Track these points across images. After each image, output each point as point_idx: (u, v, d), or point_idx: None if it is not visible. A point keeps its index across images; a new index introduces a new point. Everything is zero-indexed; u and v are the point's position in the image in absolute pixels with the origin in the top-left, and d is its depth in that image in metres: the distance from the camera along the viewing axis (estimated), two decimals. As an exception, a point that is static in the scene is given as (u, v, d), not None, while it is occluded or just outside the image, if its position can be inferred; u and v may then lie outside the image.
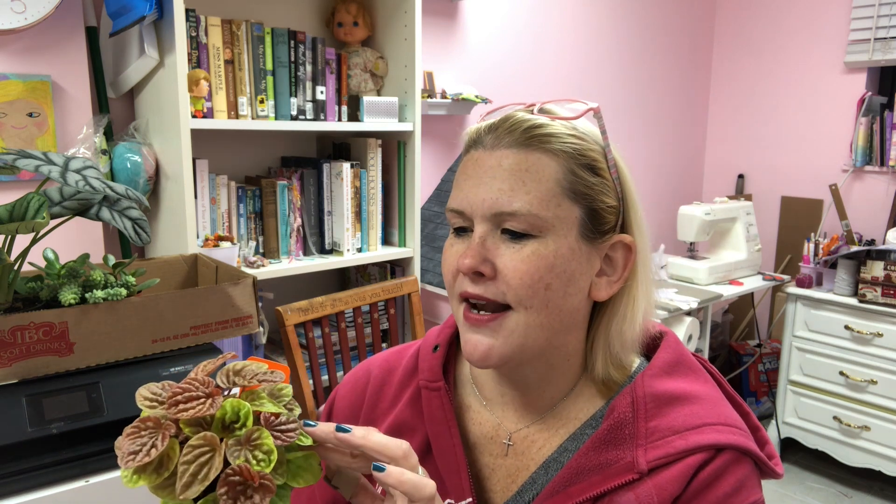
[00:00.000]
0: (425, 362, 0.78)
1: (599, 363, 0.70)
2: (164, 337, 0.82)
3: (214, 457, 0.50)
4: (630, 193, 0.68)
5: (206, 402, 0.52)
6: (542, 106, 0.67)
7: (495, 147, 0.65)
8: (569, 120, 0.66)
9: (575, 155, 0.64)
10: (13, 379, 0.74)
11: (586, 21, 3.04)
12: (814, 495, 2.72)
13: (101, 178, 0.78)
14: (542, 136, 0.64)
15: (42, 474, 0.74)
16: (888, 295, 2.50)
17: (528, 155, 0.63)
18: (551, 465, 0.69)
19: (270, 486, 0.50)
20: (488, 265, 0.64)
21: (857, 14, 3.10)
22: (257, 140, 2.07)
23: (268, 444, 0.51)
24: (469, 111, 2.63)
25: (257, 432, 0.51)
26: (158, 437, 0.50)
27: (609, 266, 0.68)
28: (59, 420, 0.74)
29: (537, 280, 0.63)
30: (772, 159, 3.53)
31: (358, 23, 2.07)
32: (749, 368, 3.32)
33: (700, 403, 0.67)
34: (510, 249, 0.63)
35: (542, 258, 0.63)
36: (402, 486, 0.54)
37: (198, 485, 0.49)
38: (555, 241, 0.63)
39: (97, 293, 0.76)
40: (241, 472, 0.49)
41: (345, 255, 2.02)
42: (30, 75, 1.64)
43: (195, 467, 0.49)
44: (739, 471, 0.64)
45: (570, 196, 0.64)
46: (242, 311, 0.88)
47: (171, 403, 0.52)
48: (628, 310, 0.69)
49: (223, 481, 0.49)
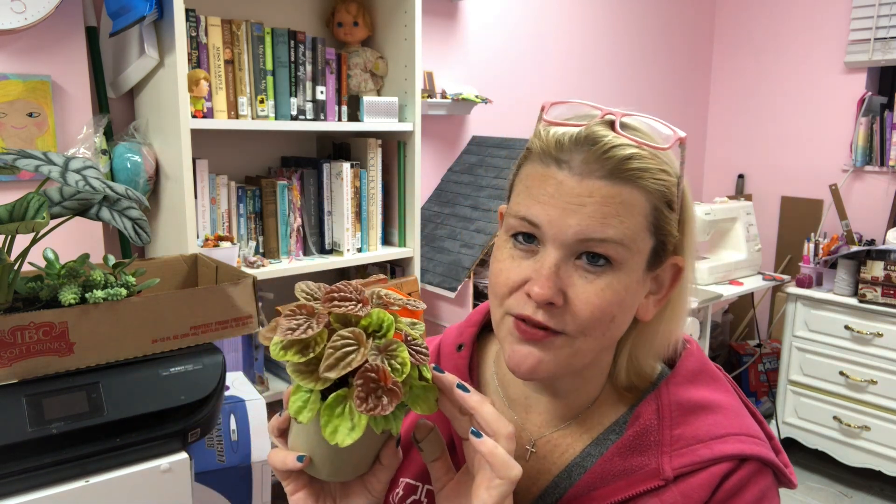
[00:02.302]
0: (450, 361, 0.77)
1: (624, 371, 0.70)
2: (164, 337, 0.82)
3: (358, 350, 0.54)
4: (690, 222, 0.66)
5: (357, 305, 0.56)
6: (622, 120, 0.63)
7: (586, 175, 0.60)
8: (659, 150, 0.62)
9: (664, 192, 0.62)
10: (13, 379, 0.74)
11: (586, 21, 3.04)
12: (814, 495, 2.72)
13: (101, 178, 0.78)
14: (637, 171, 0.61)
15: (42, 474, 0.74)
16: (888, 295, 2.50)
17: (622, 189, 0.60)
18: (574, 470, 0.69)
19: (398, 393, 0.53)
20: (560, 296, 0.61)
21: (857, 14, 3.10)
22: (257, 140, 2.07)
23: (403, 357, 0.55)
24: (469, 111, 2.63)
25: (395, 344, 0.55)
26: (314, 321, 0.55)
27: (656, 284, 0.67)
28: (59, 420, 0.74)
29: (607, 314, 0.61)
30: (772, 159, 3.53)
31: (358, 23, 2.07)
32: (749, 368, 3.32)
33: (723, 413, 0.67)
34: (583, 280, 0.61)
35: (616, 293, 0.61)
36: (492, 458, 0.56)
37: (340, 369, 0.53)
38: (627, 274, 0.62)
39: (97, 293, 0.76)
40: (377, 370, 0.54)
41: (345, 255, 2.02)
42: (30, 75, 1.64)
43: (341, 353, 0.54)
44: (762, 482, 0.64)
45: (651, 231, 0.62)
46: (242, 311, 0.88)
47: (327, 298, 0.56)
48: (663, 325, 0.68)
49: (360, 374, 0.53)
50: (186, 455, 0.83)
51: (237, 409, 1.07)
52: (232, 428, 1.05)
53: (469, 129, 2.69)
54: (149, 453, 0.80)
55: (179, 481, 0.82)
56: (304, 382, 0.54)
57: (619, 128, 0.62)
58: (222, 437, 1.04)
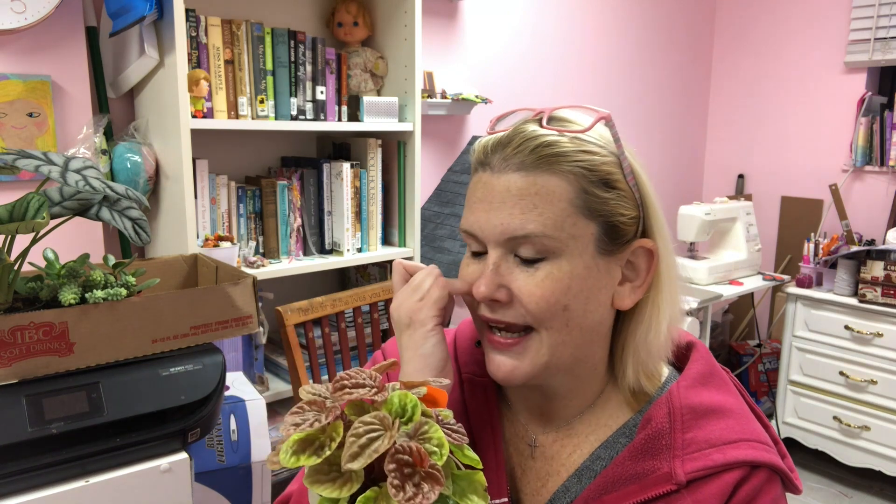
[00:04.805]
0: (469, 355, 0.77)
1: (630, 372, 0.69)
2: (164, 337, 0.82)
3: (385, 434, 0.46)
4: (649, 199, 0.66)
5: (373, 391, 0.49)
6: (552, 114, 0.65)
7: (503, 170, 0.62)
8: (578, 133, 0.63)
9: (586, 173, 0.62)
10: (13, 379, 0.74)
11: (586, 21, 3.04)
12: (814, 495, 2.72)
13: (101, 178, 0.78)
14: (550, 157, 0.61)
15: (42, 474, 0.74)
16: (888, 295, 2.50)
17: (537, 178, 0.61)
18: (584, 473, 0.69)
19: (439, 478, 0.45)
20: (503, 291, 0.63)
21: (857, 14, 3.10)
22: (257, 140, 2.07)
23: (438, 437, 0.46)
24: (469, 111, 2.63)
25: (427, 425, 0.47)
26: (324, 414, 0.48)
27: (632, 272, 0.66)
28: (59, 420, 0.74)
29: (553, 303, 0.62)
30: (772, 159, 3.53)
31: (358, 23, 2.07)
32: (749, 368, 3.32)
33: (734, 417, 0.66)
34: (524, 273, 0.62)
35: (557, 281, 0.61)
36: None
37: (365, 458, 0.44)
38: (569, 261, 0.62)
39: (97, 293, 0.76)
40: (411, 451, 0.45)
41: (345, 255, 2.02)
42: (30, 75, 1.64)
43: (365, 440, 0.45)
44: (773, 490, 0.64)
45: (585, 214, 0.62)
46: (242, 311, 0.87)
47: (337, 387, 0.49)
48: (653, 318, 0.67)
49: (391, 457, 0.45)
50: (186, 455, 0.83)
51: (237, 409, 1.07)
52: (232, 428, 1.05)
53: (469, 129, 2.69)
54: (149, 453, 0.80)
55: (179, 481, 0.82)
56: (327, 492, 0.45)
57: (547, 122, 0.64)
58: (222, 437, 1.04)
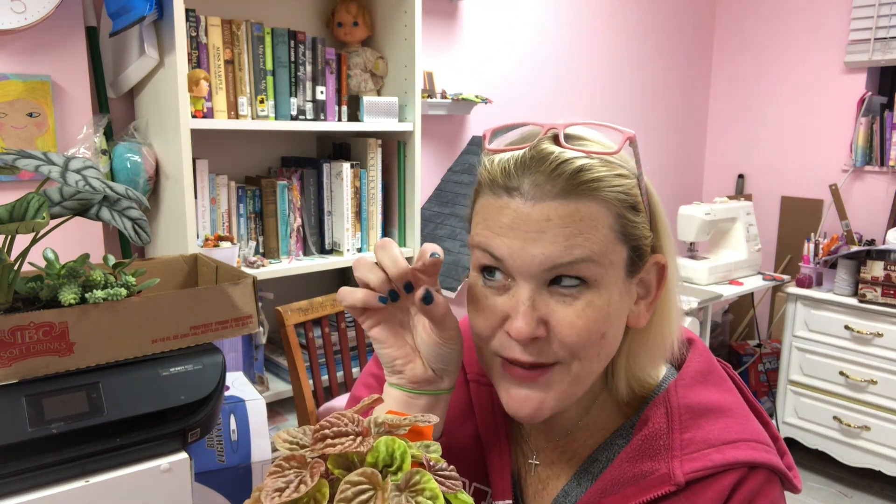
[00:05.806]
0: (473, 356, 0.74)
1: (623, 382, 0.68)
2: (164, 337, 0.82)
3: (376, 494, 0.43)
4: (660, 217, 0.64)
5: (357, 440, 0.46)
6: (566, 131, 0.60)
7: (539, 198, 0.57)
8: (610, 155, 0.60)
9: (623, 198, 0.59)
10: (13, 379, 0.74)
11: (586, 21, 3.04)
12: (814, 495, 2.72)
13: (101, 178, 0.78)
14: (589, 183, 0.57)
15: (42, 474, 0.74)
16: (888, 295, 2.50)
17: (579, 205, 0.57)
18: (583, 477, 0.68)
19: None
20: (542, 327, 0.59)
21: (857, 14, 3.10)
22: (257, 140, 2.07)
23: (432, 488, 0.44)
24: (469, 111, 2.63)
25: (418, 475, 0.45)
26: (307, 474, 0.44)
27: (643, 288, 0.65)
28: (59, 420, 0.74)
29: (594, 333, 0.59)
30: (772, 159, 3.53)
31: (358, 23, 2.07)
32: (749, 368, 3.31)
33: (733, 417, 0.65)
34: (562, 305, 0.58)
35: (598, 309, 0.58)
36: None
37: None
38: (606, 288, 0.59)
39: (97, 293, 0.76)
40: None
41: (345, 255, 2.02)
42: (30, 75, 1.64)
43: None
44: (772, 492, 0.63)
45: (621, 239, 0.60)
46: (242, 311, 0.87)
47: (318, 438, 0.46)
48: (660, 327, 0.66)
49: None
50: (186, 455, 0.83)
51: (237, 409, 1.07)
52: (232, 428, 1.05)
53: (469, 129, 2.69)
54: (149, 453, 0.80)
55: (179, 481, 0.82)
56: None
57: (564, 140, 0.59)
58: (222, 437, 1.04)
